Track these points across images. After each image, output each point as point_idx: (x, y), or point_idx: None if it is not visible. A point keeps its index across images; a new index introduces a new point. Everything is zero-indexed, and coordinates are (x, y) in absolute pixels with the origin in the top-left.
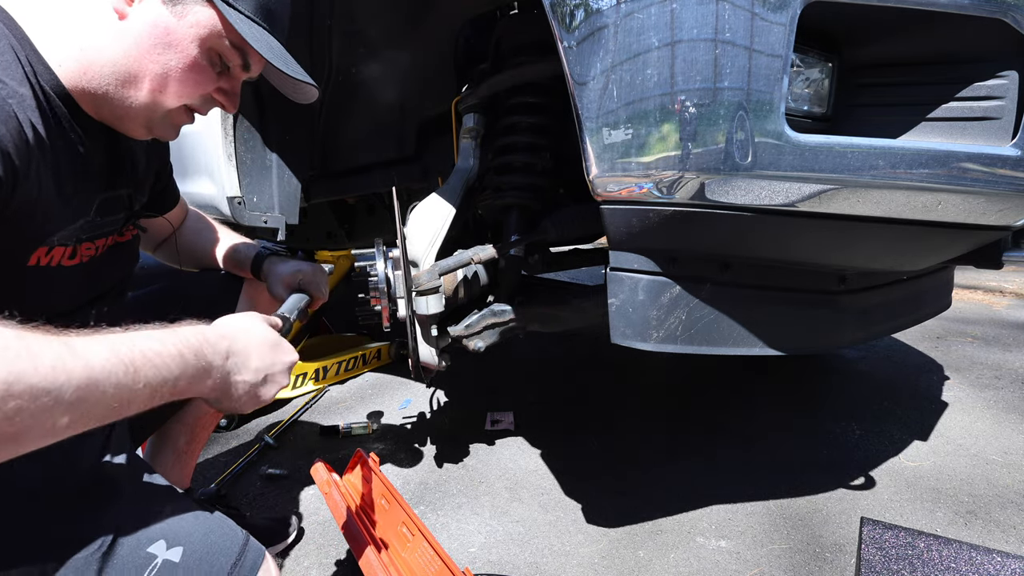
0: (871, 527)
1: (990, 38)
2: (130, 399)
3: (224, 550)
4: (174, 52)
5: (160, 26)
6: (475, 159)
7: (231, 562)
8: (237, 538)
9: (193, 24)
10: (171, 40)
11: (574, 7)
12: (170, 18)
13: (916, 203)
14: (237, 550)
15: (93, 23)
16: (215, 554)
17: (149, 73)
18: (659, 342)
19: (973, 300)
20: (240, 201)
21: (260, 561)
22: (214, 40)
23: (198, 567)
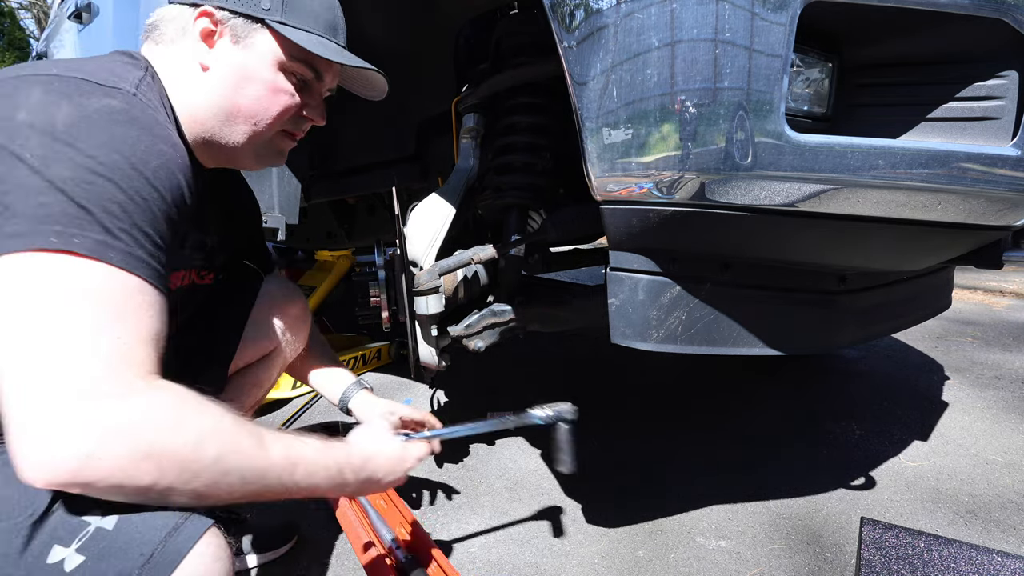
0: (871, 527)
1: (990, 38)
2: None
3: (161, 519)
4: (253, 83)
5: (236, 64)
6: (475, 159)
7: (166, 531)
8: (178, 512)
9: (261, 52)
10: (247, 73)
11: (574, 7)
12: (241, 54)
13: (916, 203)
14: (175, 520)
15: (186, 79)
16: (150, 522)
17: (241, 108)
18: (659, 342)
19: (973, 300)
20: None
21: (200, 533)
22: (282, 60)
23: (128, 534)
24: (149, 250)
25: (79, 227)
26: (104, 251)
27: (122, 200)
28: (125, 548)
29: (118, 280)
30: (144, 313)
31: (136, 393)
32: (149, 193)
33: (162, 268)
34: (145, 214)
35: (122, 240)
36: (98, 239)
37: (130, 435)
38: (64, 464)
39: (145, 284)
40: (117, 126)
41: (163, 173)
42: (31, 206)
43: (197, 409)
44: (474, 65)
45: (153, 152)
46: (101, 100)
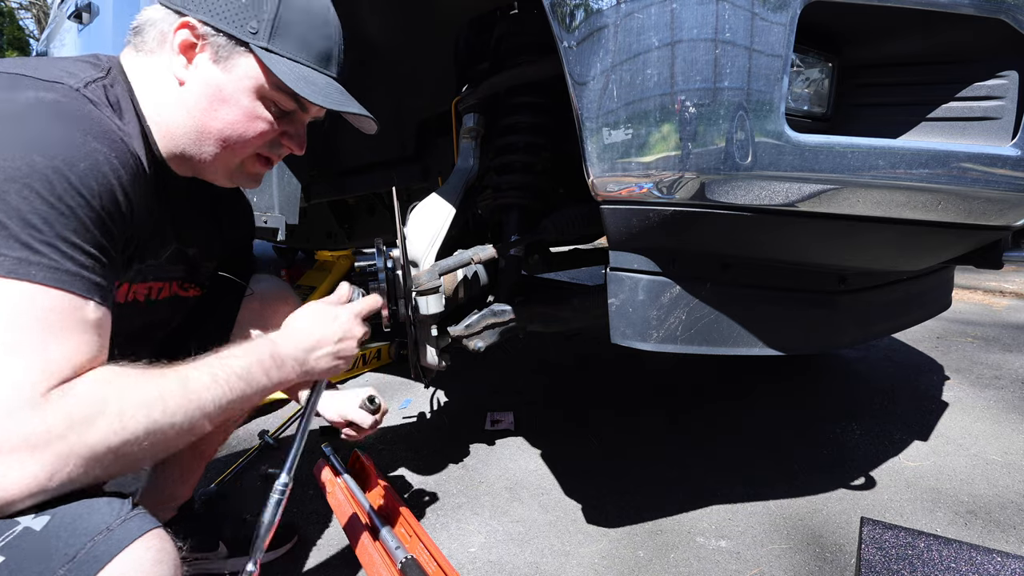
0: (871, 527)
1: (990, 38)
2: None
3: (96, 519)
4: (229, 106)
5: (212, 84)
6: (475, 159)
7: (97, 531)
8: (116, 511)
9: (241, 76)
10: (224, 95)
11: (574, 7)
12: (220, 75)
13: (916, 203)
14: (109, 520)
15: (160, 90)
16: (84, 522)
17: (213, 129)
18: (659, 342)
19: (973, 300)
20: None
21: (137, 534)
22: (263, 88)
23: (57, 536)
24: (80, 261)
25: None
26: (26, 269)
27: (43, 210)
28: (50, 549)
29: (43, 299)
30: (75, 329)
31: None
32: (74, 199)
33: (100, 278)
34: (70, 222)
35: (44, 255)
36: (17, 256)
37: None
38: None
39: (76, 298)
40: (44, 122)
41: (92, 176)
42: None
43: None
44: (474, 65)
45: (82, 152)
46: (31, 93)
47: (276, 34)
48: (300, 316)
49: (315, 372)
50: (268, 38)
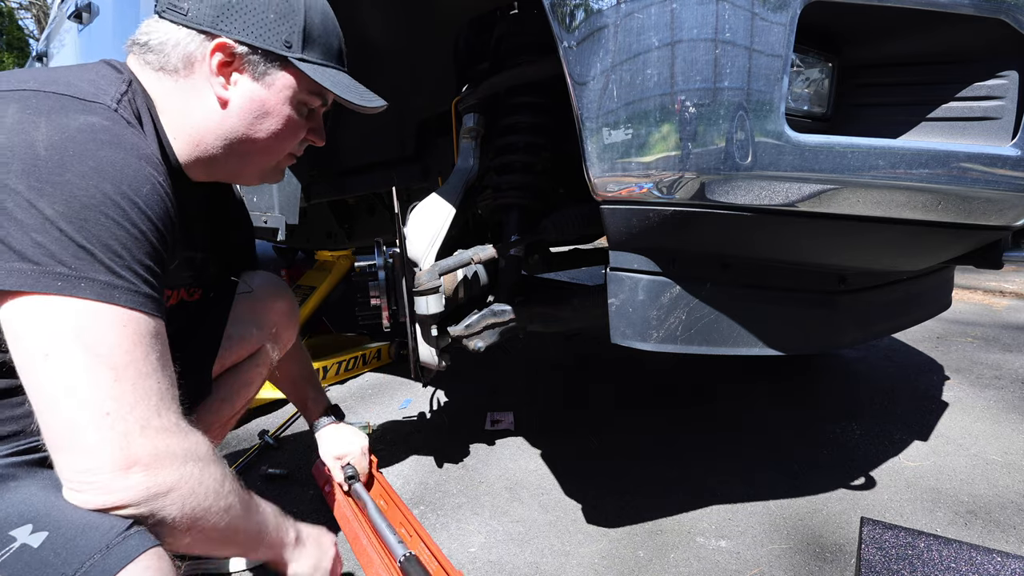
0: (871, 527)
1: (990, 38)
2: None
3: (96, 538)
4: (273, 118)
5: (256, 100)
6: (475, 159)
7: (97, 550)
8: (115, 529)
9: (281, 88)
10: (267, 109)
11: (574, 7)
12: (261, 90)
13: (916, 203)
14: (109, 539)
15: (196, 110)
16: (84, 540)
17: (257, 140)
18: (659, 342)
19: (973, 300)
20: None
21: (137, 553)
22: (300, 95)
23: (55, 553)
24: (151, 283)
25: (83, 270)
26: (111, 293)
27: (121, 236)
28: (47, 566)
29: (132, 322)
30: (158, 350)
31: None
32: (144, 223)
33: (161, 297)
34: (143, 247)
35: (126, 279)
36: (105, 281)
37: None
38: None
39: (150, 320)
40: (103, 149)
41: (154, 199)
42: (28, 244)
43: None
44: (474, 65)
45: (142, 177)
46: (81, 117)
47: (307, 44)
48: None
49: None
50: (301, 48)
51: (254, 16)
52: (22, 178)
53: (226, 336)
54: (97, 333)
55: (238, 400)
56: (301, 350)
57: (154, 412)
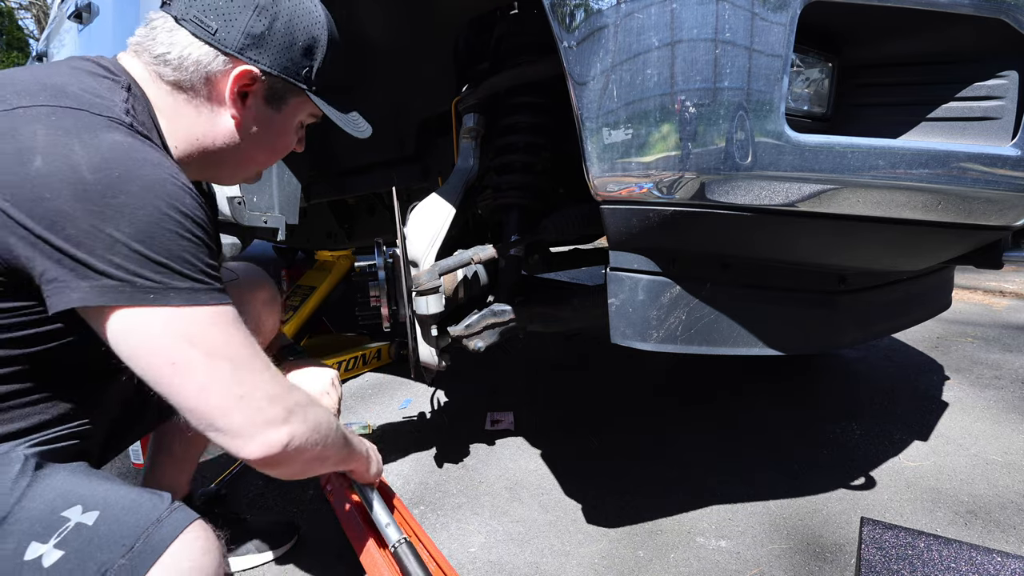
0: (871, 527)
1: (990, 38)
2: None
3: (144, 513)
4: (278, 137)
5: (267, 122)
6: (475, 159)
7: (149, 523)
8: (162, 504)
9: (290, 113)
10: (275, 129)
11: (574, 7)
12: (274, 113)
13: (916, 203)
14: (158, 513)
15: (208, 124)
16: (133, 515)
17: (259, 156)
18: (659, 342)
19: (973, 300)
20: (240, 201)
21: (184, 525)
22: (300, 117)
23: (109, 527)
24: (217, 277)
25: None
26: (197, 296)
27: (186, 245)
28: (106, 541)
29: (222, 317)
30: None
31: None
32: (197, 229)
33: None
34: (203, 250)
35: (203, 281)
36: (186, 288)
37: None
38: (279, 443)
39: (230, 308)
40: (140, 167)
41: (195, 206)
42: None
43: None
44: (474, 65)
45: (179, 188)
46: (108, 136)
47: (320, 76)
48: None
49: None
50: (317, 81)
51: (284, 51)
52: (77, 204)
53: None
54: (202, 333)
55: None
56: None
57: (270, 381)
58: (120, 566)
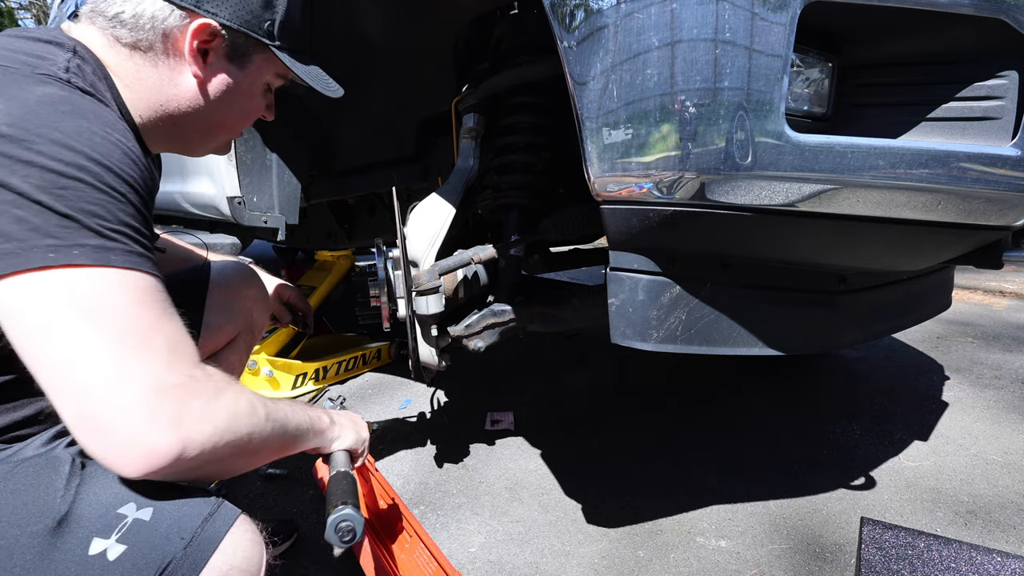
0: (871, 527)
1: (990, 38)
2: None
3: (195, 508)
4: (244, 99)
5: (231, 81)
6: (475, 159)
7: (202, 517)
8: (210, 500)
9: (254, 71)
10: (240, 90)
11: (574, 7)
12: (237, 72)
13: (916, 203)
14: (210, 508)
15: (170, 85)
16: (186, 510)
17: (225, 119)
18: (659, 342)
19: (973, 300)
20: (240, 201)
21: (233, 518)
22: (269, 77)
23: (166, 522)
24: (143, 243)
25: (71, 238)
26: (105, 256)
27: (103, 200)
28: (165, 534)
29: (131, 280)
30: (165, 303)
31: (200, 382)
32: (122, 186)
33: (154, 257)
34: (126, 208)
35: (117, 240)
36: (96, 244)
37: (211, 419)
38: (163, 453)
39: (147, 276)
40: (65, 119)
41: (127, 163)
42: (8, 221)
43: (239, 386)
44: (474, 65)
45: (110, 143)
46: (37, 89)
47: (284, 32)
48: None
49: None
50: (280, 36)
51: (242, 2)
52: None
53: (204, 325)
54: (95, 297)
55: None
56: None
57: (167, 368)
58: (182, 557)
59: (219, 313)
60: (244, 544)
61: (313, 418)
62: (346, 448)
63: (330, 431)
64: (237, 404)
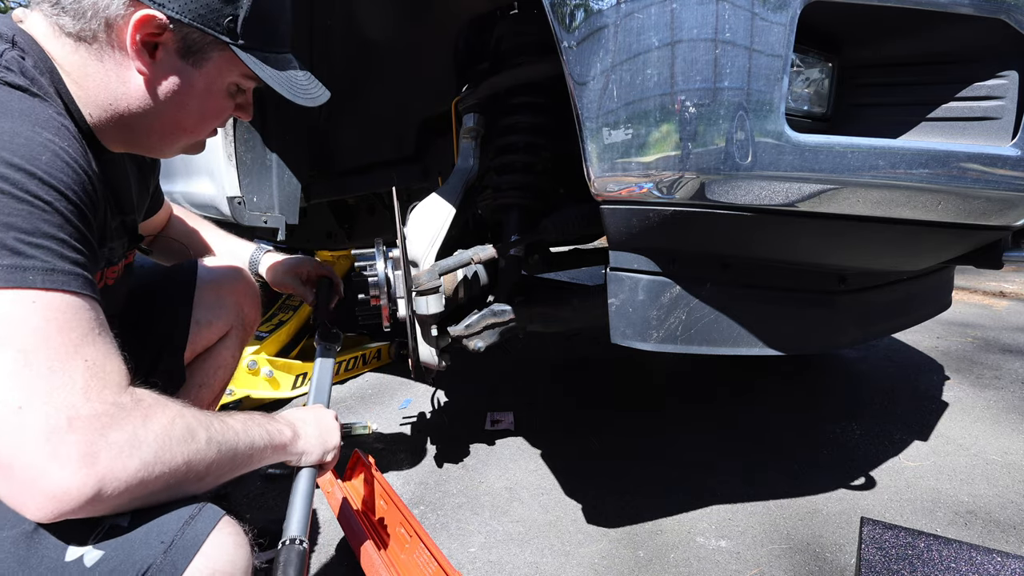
0: (871, 527)
1: (990, 38)
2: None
3: (176, 512)
4: (201, 100)
5: (182, 79)
6: (475, 159)
7: (183, 520)
8: (192, 502)
9: (214, 71)
10: (195, 91)
11: (574, 7)
12: (190, 70)
13: (916, 203)
14: (190, 511)
15: (116, 81)
16: (166, 514)
17: (182, 122)
18: (659, 342)
19: (973, 300)
20: (240, 201)
21: (216, 520)
22: (234, 78)
23: (146, 528)
24: (71, 258)
25: None
26: (22, 276)
27: (22, 210)
28: (144, 539)
29: (46, 301)
30: (90, 323)
31: (125, 411)
32: (48, 194)
33: (88, 272)
34: (52, 219)
35: (37, 258)
36: (9, 264)
37: (137, 452)
38: (74, 495)
39: (76, 298)
40: None
41: (57, 167)
42: None
43: (176, 410)
44: (474, 65)
45: (37, 145)
46: None
47: (250, 30)
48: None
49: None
50: (243, 34)
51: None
52: None
53: (194, 321)
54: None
55: (216, 383)
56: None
57: (81, 396)
58: (161, 561)
59: (209, 309)
60: (228, 547)
61: (272, 433)
62: (312, 464)
63: (293, 446)
64: (170, 431)
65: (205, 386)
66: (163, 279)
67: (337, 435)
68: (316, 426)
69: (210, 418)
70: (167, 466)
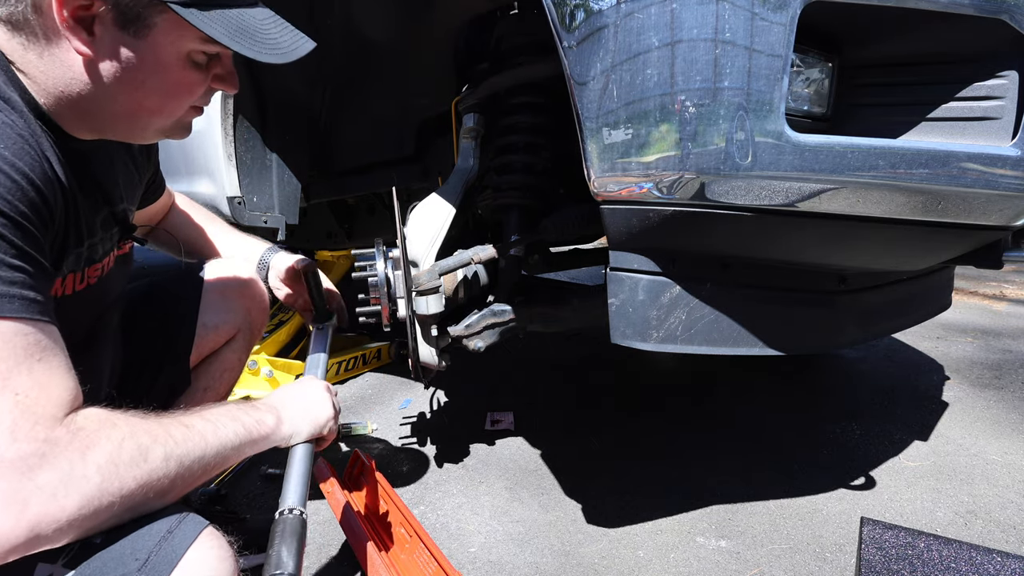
0: (871, 527)
1: (990, 38)
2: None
3: (156, 528)
4: (155, 74)
5: (129, 55)
6: (475, 159)
7: (160, 535)
8: (171, 514)
9: (161, 38)
10: (146, 64)
11: (574, 7)
12: (135, 42)
13: (916, 203)
14: (169, 524)
15: (59, 66)
16: (142, 529)
17: (146, 102)
18: (659, 342)
19: (973, 301)
20: (240, 201)
21: (196, 533)
22: (186, 44)
23: (121, 544)
24: (11, 279)
25: None
26: None
27: None
28: (118, 557)
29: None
30: (25, 353)
31: (59, 446)
32: None
33: (30, 290)
34: None
35: None
36: None
37: (75, 488)
38: (11, 540)
39: (18, 324)
40: None
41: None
42: None
43: (126, 430)
44: (474, 65)
45: None
46: None
47: None
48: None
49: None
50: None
51: None
52: None
53: (200, 325)
54: None
55: (222, 386)
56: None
57: (7, 437)
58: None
59: (216, 312)
60: (209, 560)
61: (249, 426)
62: (304, 440)
63: (276, 432)
64: (117, 457)
65: (210, 389)
66: (169, 281)
67: (327, 407)
68: (302, 403)
69: (170, 428)
70: (116, 494)
